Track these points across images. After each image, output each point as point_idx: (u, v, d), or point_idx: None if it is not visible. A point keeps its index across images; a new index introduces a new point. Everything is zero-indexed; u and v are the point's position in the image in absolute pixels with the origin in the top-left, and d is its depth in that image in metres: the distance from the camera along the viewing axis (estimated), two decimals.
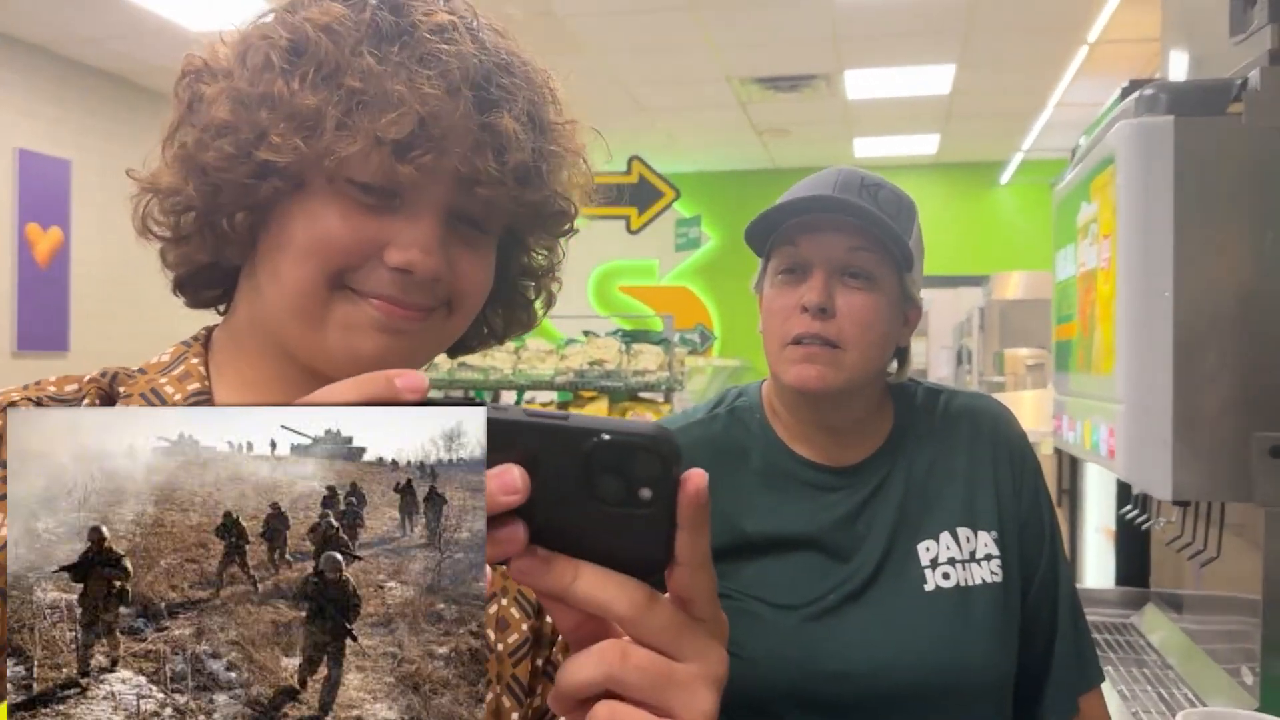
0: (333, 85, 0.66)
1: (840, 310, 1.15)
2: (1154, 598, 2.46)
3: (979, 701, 1.16)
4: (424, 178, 0.68)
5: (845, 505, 1.20)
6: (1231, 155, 1.69)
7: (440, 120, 0.66)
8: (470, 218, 0.72)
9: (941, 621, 1.15)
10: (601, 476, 0.44)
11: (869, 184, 1.18)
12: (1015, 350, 5.98)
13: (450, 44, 0.67)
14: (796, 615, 1.14)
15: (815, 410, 1.21)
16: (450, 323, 0.74)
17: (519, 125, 0.69)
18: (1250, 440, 1.64)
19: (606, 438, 0.43)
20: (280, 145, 0.67)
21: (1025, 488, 1.25)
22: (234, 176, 0.69)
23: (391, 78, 0.66)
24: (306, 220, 0.69)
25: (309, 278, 0.69)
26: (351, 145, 0.66)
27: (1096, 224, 1.94)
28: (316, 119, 0.66)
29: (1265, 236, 1.67)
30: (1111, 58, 6.22)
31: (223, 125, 0.69)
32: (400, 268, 0.68)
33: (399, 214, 0.69)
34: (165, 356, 0.79)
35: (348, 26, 0.67)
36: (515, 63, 0.73)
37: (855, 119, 8.16)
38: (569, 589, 0.43)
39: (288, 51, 0.68)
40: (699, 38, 6.11)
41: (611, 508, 0.44)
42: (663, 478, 0.44)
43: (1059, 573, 1.26)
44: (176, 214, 0.73)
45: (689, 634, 0.44)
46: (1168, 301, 1.69)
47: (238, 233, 0.72)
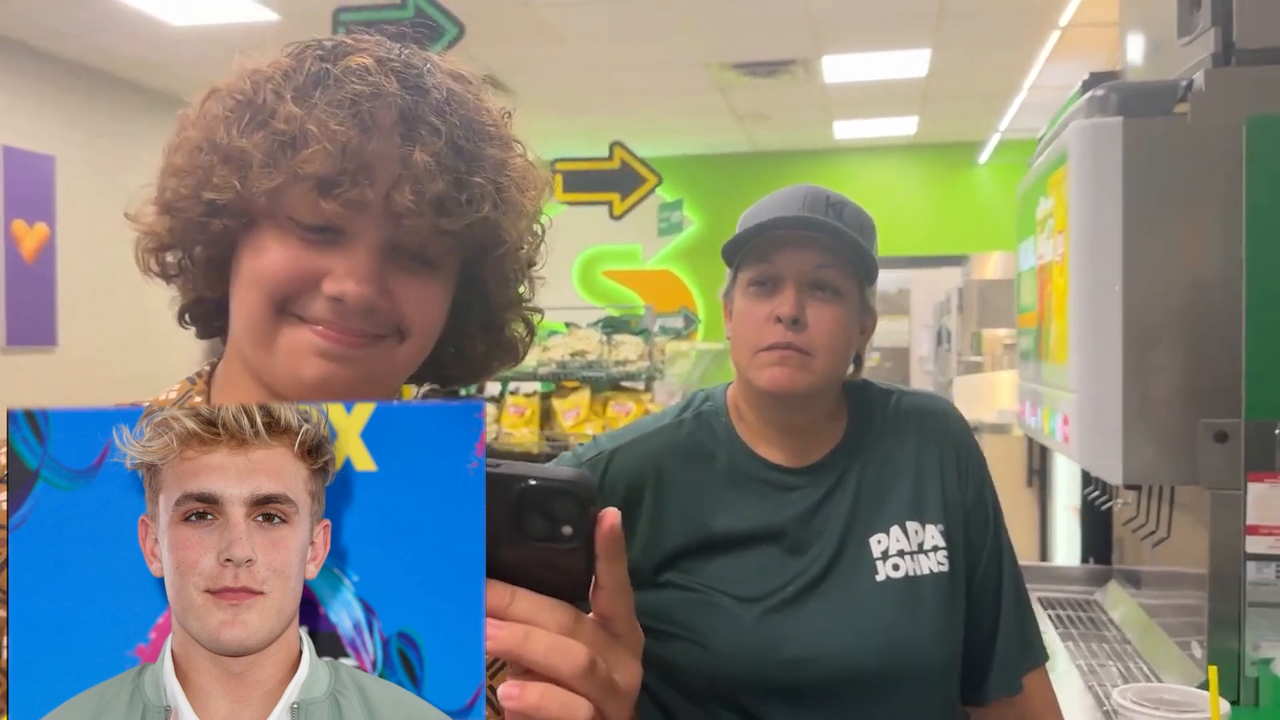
0: (264, 129, 0.73)
1: (810, 322, 1.23)
2: (1116, 575, 2.55)
3: (928, 682, 1.24)
4: (352, 213, 0.74)
5: (803, 503, 1.27)
6: (1178, 154, 1.75)
7: (357, 157, 0.72)
8: (409, 250, 0.77)
9: (892, 610, 1.23)
10: (529, 516, 0.53)
11: (833, 202, 1.25)
12: (993, 330, 6.06)
13: (367, 85, 0.73)
14: (758, 607, 1.22)
15: (782, 411, 1.29)
16: (402, 350, 0.79)
17: (433, 159, 0.74)
18: (1196, 426, 1.72)
19: (532, 483, 0.53)
20: (220, 184, 0.74)
21: (970, 482, 1.33)
22: (191, 216, 0.77)
23: (309, 119, 0.72)
24: (253, 254, 0.76)
25: (257, 305, 0.76)
26: (274, 181, 0.72)
27: (1053, 219, 2.02)
28: (246, 159, 0.73)
29: (1211, 232, 1.74)
30: (1082, 41, 6.30)
31: (179, 169, 0.77)
32: (335, 297, 0.74)
33: (338, 247, 0.75)
34: (173, 392, 0.86)
35: (286, 79, 0.75)
36: (454, 102, 0.77)
37: (834, 102, 8.22)
38: (506, 610, 0.52)
39: (234, 104, 0.76)
40: (676, 25, 6.16)
41: (539, 542, 0.53)
42: (581, 517, 0.53)
43: (1003, 560, 1.34)
44: (157, 252, 0.81)
45: (611, 647, 0.54)
46: (1117, 295, 1.76)
47: (198, 266, 0.80)
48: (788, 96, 7.97)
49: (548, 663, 0.52)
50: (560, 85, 7.50)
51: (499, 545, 0.53)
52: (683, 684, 1.23)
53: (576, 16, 5.99)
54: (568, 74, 7.23)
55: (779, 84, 7.56)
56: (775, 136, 9.57)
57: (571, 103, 7.97)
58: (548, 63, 6.93)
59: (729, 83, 7.55)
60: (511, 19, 5.95)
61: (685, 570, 1.24)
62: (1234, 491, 1.70)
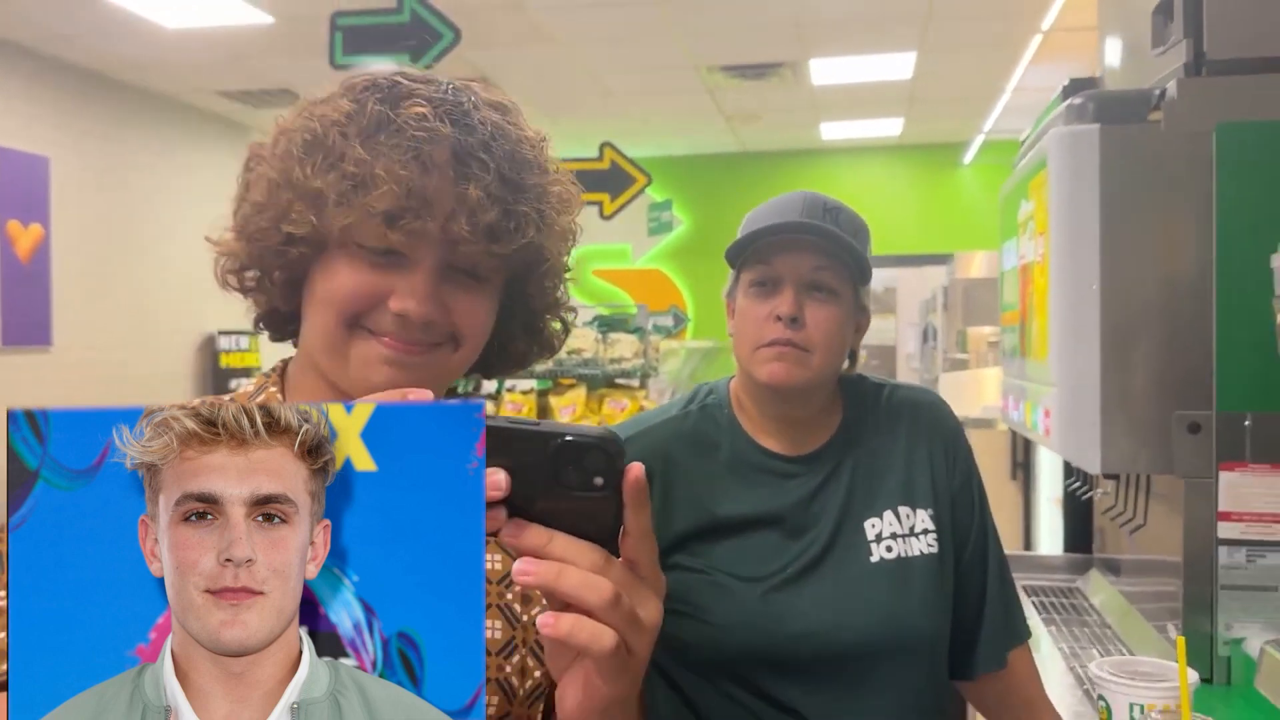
0: (336, 170, 0.83)
1: (808, 321, 1.31)
2: (1096, 563, 2.62)
3: (918, 657, 1.33)
4: (413, 240, 0.83)
5: (802, 489, 1.36)
6: (1152, 159, 1.83)
7: (417, 195, 0.81)
8: (462, 268, 0.87)
9: (884, 589, 1.32)
10: (565, 468, 0.60)
11: (830, 208, 1.34)
12: (978, 328, 6.13)
13: (424, 130, 0.82)
14: (760, 586, 1.31)
15: (781, 404, 1.37)
16: (456, 356, 0.89)
17: (486, 193, 0.83)
18: (1171, 418, 1.80)
19: (569, 439, 0.60)
20: (298, 219, 0.84)
21: (958, 469, 1.41)
22: (270, 244, 0.86)
23: (377, 162, 0.81)
24: (326, 276, 0.86)
25: (330, 321, 0.86)
26: (349, 217, 0.82)
27: (1034, 221, 2.10)
28: (322, 198, 0.83)
29: (1184, 233, 1.81)
30: (1064, 45, 6.40)
31: (260, 205, 0.86)
32: (399, 313, 0.84)
33: (401, 270, 0.85)
34: (250, 387, 0.96)
35: (350, 121, 0.84)
36: (499, 136, 0.87)
37: (821, 104, 8.31)
38: (544, 549, 0.59)
39: (304, 144, 0.85)
40: (667, 28, 6.24)
41: (574, 492, 0.60)
42: (610, 469, 0.60)
43: (988, 543, 1.43)
44: (239, 273, 0.91)
45: (636, 587, 0.61)
46: (1095, 294, 1.84)
47: (278, 288, 0.89)
48: (776, 98, 8.06)
49: (579, 596, 0.59)
50: (552, 87, 7.56)
51: (538, 494, 0.59)
52: (691, 659, 1.31)
53: (569, 19, 6.06)
54: (559, 76, 7.30)
55: (767, 86, 7.65)
56: (763, 137, 9.65)
57: (562, 104, 8.04)
58: (540, 64, 6.99)
59: (718, 84, 7.63)
60: (505, 21, 6.01)
61: (692, 553, 1.32)
62: (1206, 480, 1.77)
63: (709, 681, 1.31)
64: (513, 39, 6.38)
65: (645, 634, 0.62)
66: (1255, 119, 1.79)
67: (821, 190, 1.37)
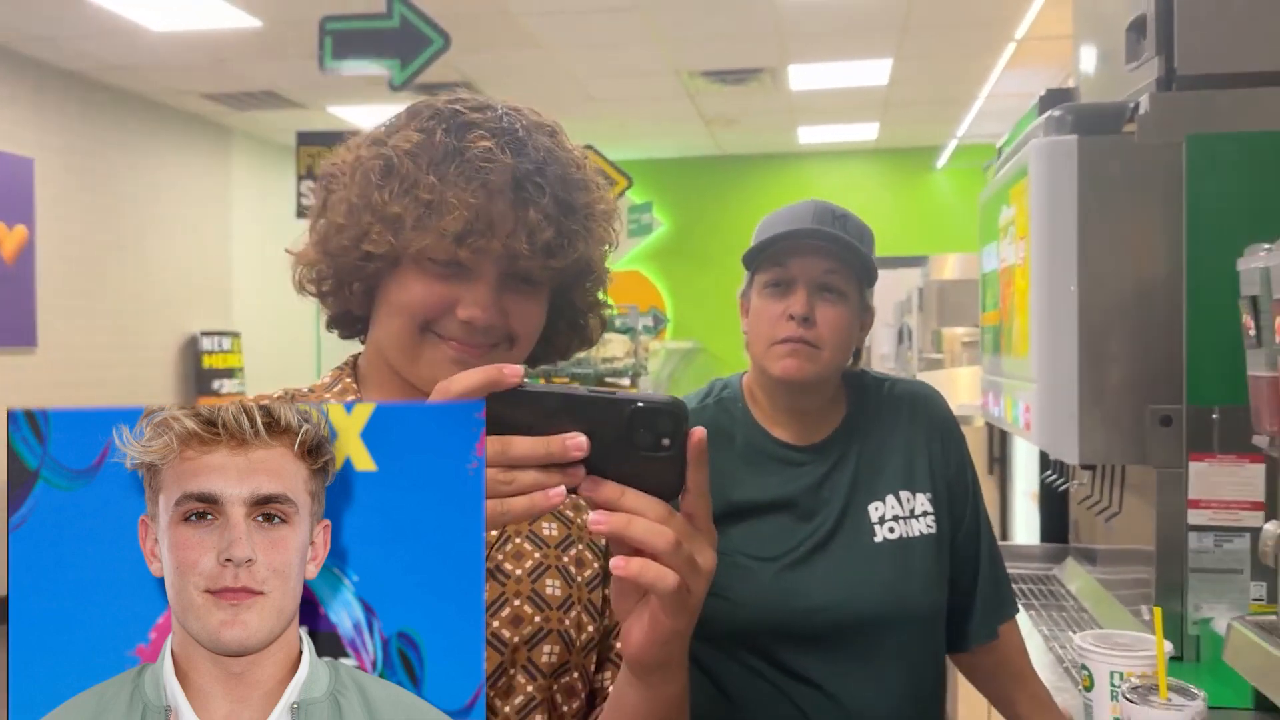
0: (411, 196, 0.93)
1: (819, 320, 1.42)
2: (1073, 552, 2.73)
3: (918, 629, 1.44)
4: (478, 256, 0.93)
5: (811, 475, 1.47)
6: (1127, 169, 1.93)
7: (483, 217, 0.92)
8: (519, 277, 0.97)
9: (887, 567, 1.43)
10: (637, 431, 0.66)
11: (839, 215, 1.45)
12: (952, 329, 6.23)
13: (490, 161, 0.92)
14: (774, 565, 1.42)
15: (792, 396, 1.48)
16: (512, 353, 0.98)
17: (543, 215, 0.94)
18: (1144, 412, 1.90)
19: (641, 405, 0.67)
20: (378, 240, 0.94)
21: (952, 456, 1.53)
22: (349, 260, 0.97)
23: (447, 190, 0.92)
24: (399, 288, 0.96)
25: (404, 327, 0.96)
26: (425, 239, 0.92)
27: (1014, 226, 2.20)
28: (400, 221, 0.93)
29: (1156, 238, 1.91)
30: (1037, 53, 6.55)
31: (340, 226, 0.96)
32: (466, 320, 0.94)
33: (466, 280, 0.95)
34: (327, 379, 1.05)
35: (421, 150, 0.94)
36: (551, 160, 0.97)
37: (799, 109, 8.43)
38: (618, 502, 0.67)
39: (381, 171, 0.95)
40: (648, 34, 6.33)
41: (644, 452, 0.67)
42: (677, 431, 0.67)
43: (980, 525, 1.54)
44: (317, 281, 1.01)
45: (694, 537, 0.70)
46: (1073, 295, 1.93)
47: (356, 297, 1.00)
48: (755, 103, 8.17)
49: (647, 541, 0.67)
50: (535, 90, 7.63)
51: (613, 454, 0.66)
52: (711, 634, 1.41)
53: (553, 25, 6.14)
54: (543, 80, 7.37)
55: (747, 91, 7.76)
56: (742, 141, 9.76)
57: (545, 107, 7.87)
58: (524, 69, 7.06)
59: (698, 89, 7.73)
60: (491, 27, 6.08)
61: None
62: (1177, 470, 1.87)
63: (728, 654, 1.42)
64: (498, 44, 6.45)
65: (702, 577, 0.71)
66: (1223, 131, 1.89)
67: (799, 193, 1.48)
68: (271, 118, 8.47)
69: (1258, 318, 1.57)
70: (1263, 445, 1.62)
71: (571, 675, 0.99)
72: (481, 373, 0.67)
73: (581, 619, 1.01)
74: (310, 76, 6.35)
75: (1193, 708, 1.23)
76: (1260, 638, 1.59)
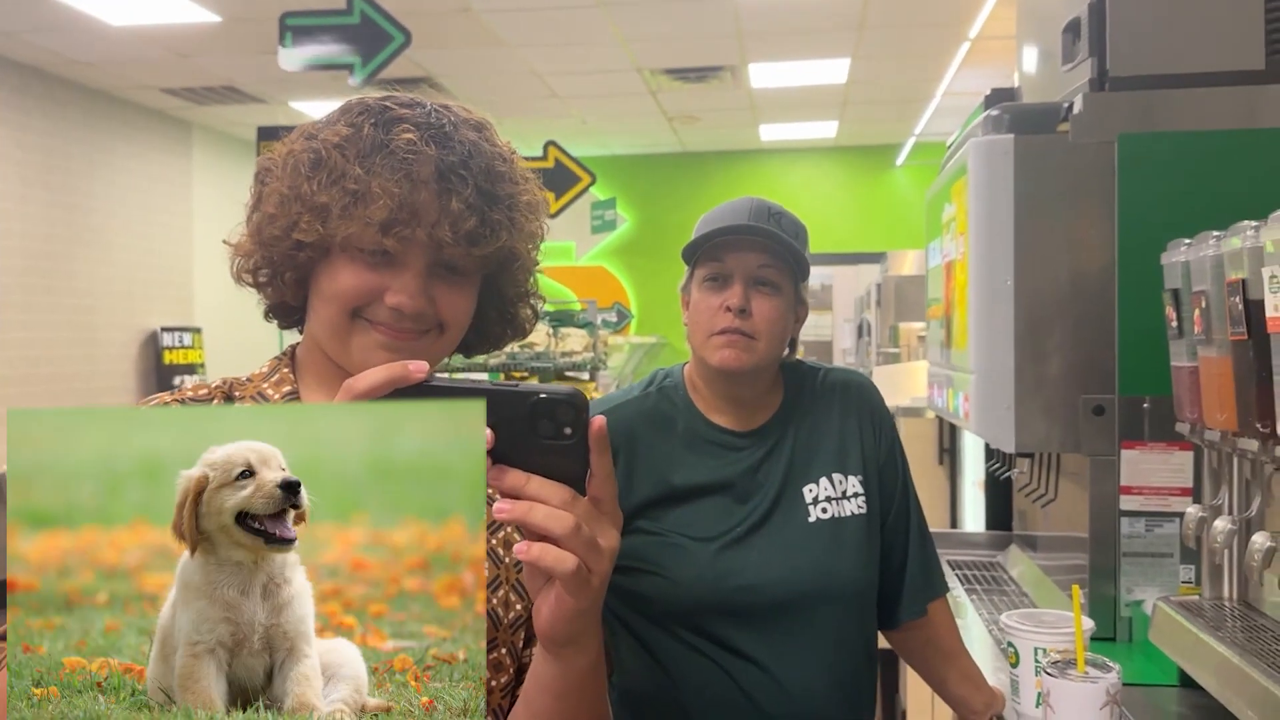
0: (338, 187, 0.97)
1: (755, 311, 1.48)
2: (1016, 540, 2.81)
3: (850, 604, 1.51)
4: (404, 245, 0.97)
5: (749, 460, 1.52)
6: (1061, 167, 2.00)
7: (407, 207, 0.96)
8: (446, 266, 1.01)
9: (821, 545, 1.49)
10: (540, 421, 0.71)
11: (774, 212, 1.50)
12: (909, 324, 6.31)
13: (415, 153, 0.97)
14: (712, 545, 1.47)
15: (730, 384, 1.53)
16: (442, 341, 1.02)
17: (465, 205, 0.98)
18: (1078, 401, 1.97)
19: (543, 396, 0.71)
20: (307, 229, 0.98)
21: (883, 441, 1.59)
22: (281, 249, 1.01)
23: (373, 180, 0.96)
24: (330, 276, 1.00)
25: (335, 314, 1.00)
26: (351, 228, 0.96)
27: (955, 222, 2.26)
28: (327, 210, 0.97)
29: (1089, 233, 1.98)
30: (990, 51, 6.67)
31: (272, 216, 1.00)
32: (394, 307, 0.98)
33: (394, 269, 0.99)
34: (265, 368, 1.09)
35: (349, 143, 0.98)
36: (476, 153, 1.01)
37: (759, 106, 8.51)
38: (522, 490, 0.71)
39: (310, 163, 0.99)
40: (609, 32, 6.37)
41: (548, 441, 0.71)
42: (578, 420, 0.71)
43: (910, 506, 1.61)
44: (254, 271, 1.05)
45: (597, 520, 0.75)
46: (1009, 289, 2.01)
47: (290, 287, 1.04)
48: (716, 100, 8.23)
49: (545, 527, 0.71)
50: (498, 88, 7.65)
51: (518, 444, 0.71)
52: (650, 611, 1.47)
53: (515, 22, 6.16)
54: (505, 77, 7.39)
55: (708, 89, 7.82)
56: (704, 138, 9.83)
57: (509, 104, 8.13)
58: (487, 66, 7.08)
59: (660, 87, 7.78)
60: (453, 24, 6.10)
61: (651, 518, 1.48)
62: (1109, 457, 1.95)
63: (668, 631, 1.47)
64: (461, 41, 6.47)
65: (604, 557, 0.75)
66: (1153, 130, 1.96)
67: (760, 190, 1.54)
68: (232, 112, 8.43)
69: (1179, 310, 1.63)
70: (1185, 432, 1.68)
71: (500, 651, 1.03)
72: (386, 370, 0.71)
73: (510, 598, 1.06)
74: (271, 71, 6.34)
75: (1107, 679, 1.29)
76: (1183, 618, 1.66)
